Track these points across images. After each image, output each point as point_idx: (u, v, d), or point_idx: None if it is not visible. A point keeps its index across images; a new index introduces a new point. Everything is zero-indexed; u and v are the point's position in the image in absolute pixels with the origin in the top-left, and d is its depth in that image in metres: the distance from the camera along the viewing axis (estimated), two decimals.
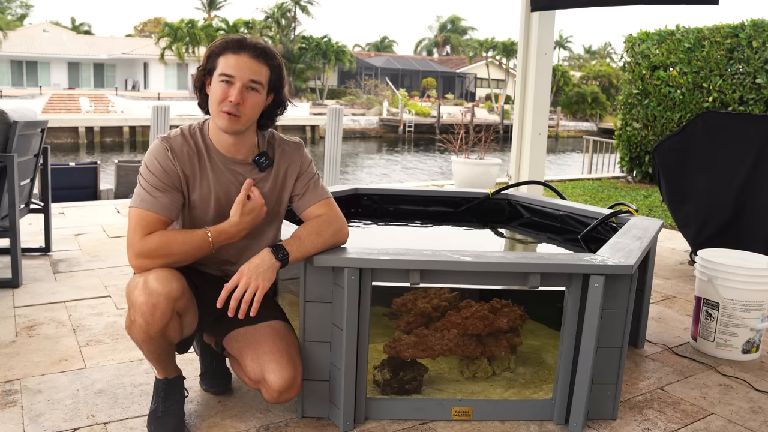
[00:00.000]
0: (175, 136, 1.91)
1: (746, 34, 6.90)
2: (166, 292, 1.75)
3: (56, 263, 3.83)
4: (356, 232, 2.07)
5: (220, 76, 1.81)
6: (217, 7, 46.54)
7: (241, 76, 1.80)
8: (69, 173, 7.15)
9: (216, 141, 1.92)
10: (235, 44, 1.83)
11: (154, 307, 1.74)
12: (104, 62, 43.09)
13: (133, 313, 1.79)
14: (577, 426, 2.06)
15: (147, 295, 1.74)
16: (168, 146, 1.87)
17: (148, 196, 1.83)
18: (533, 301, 2.19)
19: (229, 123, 1.82)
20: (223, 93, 1.81)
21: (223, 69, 1.81)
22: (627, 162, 8.75)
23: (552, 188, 3.37)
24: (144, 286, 1.75)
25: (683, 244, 4.88)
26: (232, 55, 1.81)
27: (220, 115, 1.82)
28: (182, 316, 1.87)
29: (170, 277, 1.78)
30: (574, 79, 43.87)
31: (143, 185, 1.85)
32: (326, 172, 7.41)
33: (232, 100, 1.79)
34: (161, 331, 1.79)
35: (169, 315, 1.78)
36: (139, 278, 1.79)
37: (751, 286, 2.68)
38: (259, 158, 1.95)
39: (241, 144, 1.92)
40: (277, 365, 1.87)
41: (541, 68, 5.05)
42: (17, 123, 3.34)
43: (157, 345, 1.86)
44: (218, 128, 1.86)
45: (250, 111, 1.84)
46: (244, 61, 1.81)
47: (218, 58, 1.83)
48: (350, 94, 40.31)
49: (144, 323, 1.77)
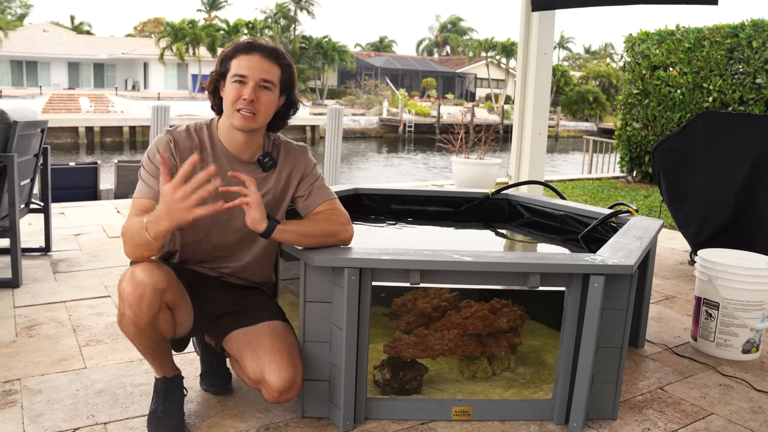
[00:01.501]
0: (180, 130, 1.96)
1: (746, 34, 6.90)
2: (152, 283, 1.77)
3: (56, 263, 3.83)
4: (356, 232, 2.07)
5: (233, 77, 1.86)
6: (218, 7, 46.55)
7: (253, 75, 1.85)
8: (69, 173, 7.15)
9: (226, 140, 1.95)
10: (246, 46, 1.89)
11: (141, 298, 1.76)
12: (104, 62, 43.11)
13: (122, 306, 1.80)
14: (577, 426, 2.06)
15: (133, 285, 1.76)
16: (171, 138, 1.92)
17: (144, 186, 1.88)
18: (533, 301, 2.19)
19: (245, 121, 1.87)
20: (237, 92, 1.86)
21: (236, 70, 1.86)
22: (627, 162, 8.75)
23: (552, 188, 3.37)
24: (131, 278, 1.78)
25: (683, 244, 4.88)
26: (243, 56, 1.87)
27: (235, 114, 1.87)
28: (173, 311, 1.87)
29: (156, 269, 1.80)
30: (574, 79, 43.86)
31: (142, 175, 1.91)
32: (326, 172, 7.41)
33: (246, 98, 1.84)
34: (150, 322, 1.80)
35: (156, 306, 1.78)
36: (126, 271, 1.81)
37: (751, 286, 2.68)
38: (263, 158, 1.98)
39: (251, 143, 1.96)
40: (277, 365, 1.87)
41: (541, 68, 5.05)
42: (17, 123, 3.34)
43: (149, 338, 1.85)
44: (233, 127, 1.90)
45: (265, 108, 1.89)
46: (255, 61, 1.87)
47: (230, 61, 1.89)
48: (350, 94, 40.32)
49: (132, 315, 1.78)
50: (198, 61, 37.72)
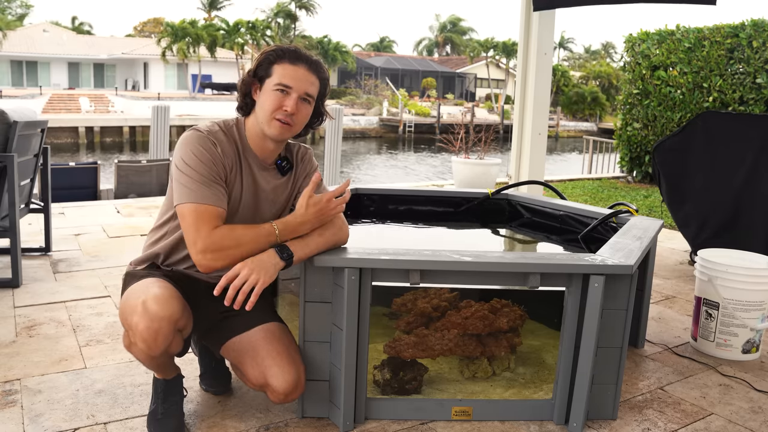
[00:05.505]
0: (216, 131, 1.88)
1: (746, 34, 6.90)
2: (168, 315, 1.72)
3: (56, 263, 3.83)
4: (356, 232, 2.08)
5: (277, 85, 1.83)
6: (218, 7, 46.54)
7: (298, 87, 1.83)
8: (69, 173, 7.13)
9: (254, 144, 1.93)
10: (292, 54, 1.85)
11: (157, 333, 1.71)
12: (104, 62, 43.10)
13: (132, 336, 1.75)
14: (577, 426, 2.06)
15: (148, 320, 1.70)
16: (214, 140, 1.84)
17: (201, 188, 1.77)
18: (533, 301, 2.19)
19: (282, 131, 1.85)
20: (279, 102, 1.83)
21: (281, 79, 1.83)
22: (627, 162, 8.75)
23: (552, 188, 3.37)
24: (144, 311, 1.71)
25: (683, 244, 4.88)
26: (289, 65, 1.84)
27: (272, 122, 1.84)
28: (182, 330, 1.85)
29: (170, 298, 1.75)
30: (574, 79, 43.86)
31: (192, 176, 1.78)
32: (326, 172, 7.41)
33: (288, 110, 1.82)
34: (164, 351, 1.78)
35: (171, 337, 1.76)
36: (135, 300, 1.74)
37: (751, 286, 2.68)
38: (281, 162, 1.98)
39: (278, 150, 1.96)
40: (279, 369, 1.86)
41: (541, 68, 5.05)
42: (17, 123, 3.34)
43: (159, 361, 1.86)
44: (267, 135, 1.88)
45: (302, 121, 1.89)
46: (302, 72, 1.84)
47: (273, 66, 1.84)
48: (350, 94, 40.29)
49: (146, 348, 1.74)
50: (198, 61, 37.72)
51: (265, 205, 1.98)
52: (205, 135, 1.84)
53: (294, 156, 2.04)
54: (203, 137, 1.83)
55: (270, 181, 1.97)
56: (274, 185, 1.98)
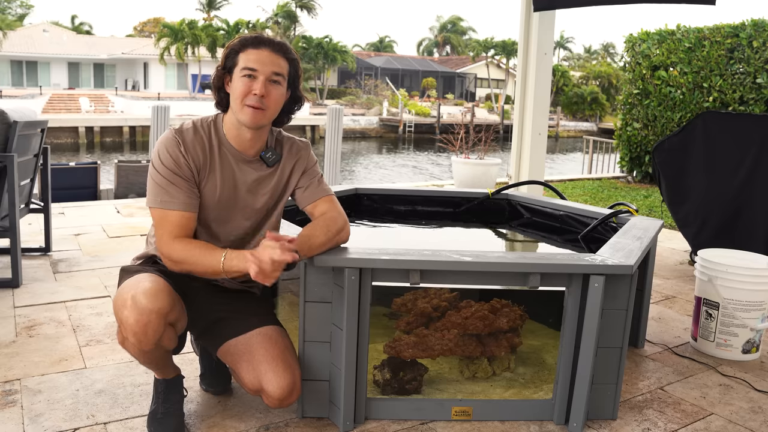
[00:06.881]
0: (187, 129, 1.90)
1: (746, 34, 6.90)
2: (158, 308, 1.73)
3: (56, 263, 3.83)
4: (356, 232, 2.07)
5: (243, 70, 1.82)
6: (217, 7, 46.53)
7: (263, 69, 1.82)
8: (69, 173, 7.14)
9: (232, 137, 1.92)
10: (254, 40, 1.86)
11: (146, 326, 1.72)
12: (104, 62, 43.09)
13: (124, 331, 1.76)
14: (577, 426, 2.06)
15: (137, 313, 1.71)
16: (180, 140, 1.86)
17: (165, 194, 1.82)
18: (533, 301, 2.19)
19: (254, 116, 1.83)
20: (247, 87, 1.82)
21: (245, 63, 1.82)
22: (627, 162, 8.74)
23: (552, 188, 3.37)
24: (133, 305, 1.71)
25: (683, 244, 4.88)
26: (252, 50, 1.84)
27: (243, 109, 1.83)
28: (174, 324, 1.85)
29: (159, 291, 1.75)
30: (574, 79, 43.85)
31: (158, 181, 1.83)
32: (326, 172, 7.41)
33: (256, 93, 1.81)
34: (155, 344, 1.78)
35: (161, 330, 1.76)
36: (126, 294, 1.75)
37: (751, 286, 2.68)
38: (266, 153, 1.96)
39: (257, 140, 1.93)
40: (274, 374, 1.85)
41: (541, 68, 5.05)
42: (17, 123, 3.34)
43: (153, 355, 1.85)
44: (241, 123, 1.87)
45: (274, 104, 1.87)
46: (265, 54, 1.83)
47: (238, 55, 1.85)
48: (350, 94, 40.31)
49: (137, 342, 1.74)
50: (198, 62, 37.72)
51: (248, 197, 1.96)
52: (172, 136, 1.87)
53: (283, 147, 2.02)
54: (170, 138, 1.87)
55: (251, 174, 1.94)
56: (256, 177, 1.96)
